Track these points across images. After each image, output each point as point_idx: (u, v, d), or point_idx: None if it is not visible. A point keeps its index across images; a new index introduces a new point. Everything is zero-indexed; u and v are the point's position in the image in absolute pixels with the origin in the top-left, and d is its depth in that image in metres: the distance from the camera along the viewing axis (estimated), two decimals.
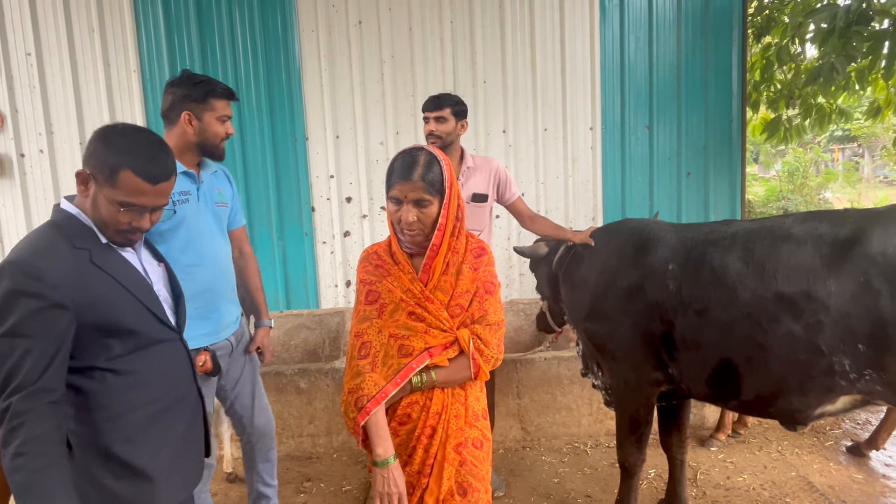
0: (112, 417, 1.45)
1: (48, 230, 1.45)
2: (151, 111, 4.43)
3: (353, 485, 3.41)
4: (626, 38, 4.67)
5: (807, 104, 5.58)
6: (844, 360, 2.01)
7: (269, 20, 4.44)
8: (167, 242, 2.18)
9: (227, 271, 2.43)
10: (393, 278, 1.69)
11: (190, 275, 2.16)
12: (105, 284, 1.45)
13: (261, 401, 2.63)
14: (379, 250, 1.77)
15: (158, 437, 1.54)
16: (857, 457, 3.48)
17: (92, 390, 1.43)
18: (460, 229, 1.71)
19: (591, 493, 3.22)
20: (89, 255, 1.44)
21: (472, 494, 1.69)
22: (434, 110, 2.97)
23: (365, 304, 1.72)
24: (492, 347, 1.69)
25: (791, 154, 13.27)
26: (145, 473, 1.49)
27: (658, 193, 4.83)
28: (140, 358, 1.50)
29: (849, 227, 2.07)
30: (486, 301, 1.69)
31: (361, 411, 1.62)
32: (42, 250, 1.39)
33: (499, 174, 3.11)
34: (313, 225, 4.64)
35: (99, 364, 1.43)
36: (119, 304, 1.46)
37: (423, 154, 1.64)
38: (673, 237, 2.49)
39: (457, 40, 4.55)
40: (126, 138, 1.47)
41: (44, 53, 4.31)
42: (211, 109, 2.26)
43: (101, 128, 1.49)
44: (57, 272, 1.36)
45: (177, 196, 2.19)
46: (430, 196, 1.61)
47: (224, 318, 2.38)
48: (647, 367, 2.49)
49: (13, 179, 4.38)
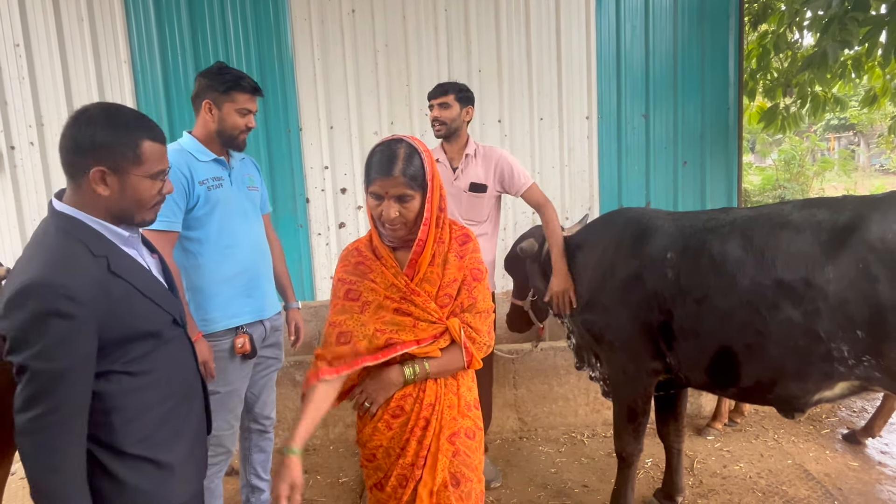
0: (129, 420, 1.42)
1: (62, 241, 1.36)
2: (142, 101, 4.38)
3: (350, 476, 3.40)
4: (623, 26, 4.64)
5: (803, 93, 5.57)
6: (843, 347, 2.00)
7: (260, 9, 4.38)
8: (204, 227, 2.28)
9: (265, 251, 2.54)
10: (375, 274, 1.66)
11: (229, 256, 2.33)
12: (124, 292, 1.39)
13: (269, 395, 2.70)
14: (360, 246, 1.74)
15: (173, 432, 1.52)
16: (853, 444, 3.49)
17: (109, 393, 1.39)
18: (444, 219, 1.68)
19: (589, 483, 3.22)
20: (107, 264, 1.38)
21: (465, 484, 1.67)
22: (438, 96, 2.96)
23: (344, 300, 1.67)
24: (483, 335, 1.67)
25: (787, 143, 13.26)
26: (166, 465, 1.48)
27: (654, 183, 4.81)
28: (154, 359, 1.47)
29: (847, 214, 2.06)
30: (475, 289, 1.67)
31: (331, 363, 1.60)
32: (66, 266, 1.32)
33: (501, 166, 3.03)
34: (308, 216, 4.61)
35: (116, 368, 1.40)
36: (139, 311, 1.42)
37: (403, 147, 1.58)
38: (671, 226, 2.47)
39: (451, 29, 4.51)
40: (117, 115, 1.41)
41: (33, 44, 4.25)
42: (231, 101, 2.30)
43: (79, 118, 1.38)
44: (85, 289, 1.30)
45: (210, 182, 2.29)
46: (411, 191, 1.57)
47: (266, 296, 2.49)
48: (645, 357, 2.48)
49: (4, 172, 4.33)
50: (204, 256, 2.31)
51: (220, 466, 2.47)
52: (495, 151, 3.08)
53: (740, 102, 4.82)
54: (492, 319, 1.72)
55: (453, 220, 1.77)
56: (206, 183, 2.28)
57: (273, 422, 2.75)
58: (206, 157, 2.33)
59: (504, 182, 3.04)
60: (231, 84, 2.28)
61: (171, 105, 4.42)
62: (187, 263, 2.30)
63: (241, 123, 2.34)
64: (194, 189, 2.25)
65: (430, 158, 1.62)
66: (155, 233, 2.19)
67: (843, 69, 5.22)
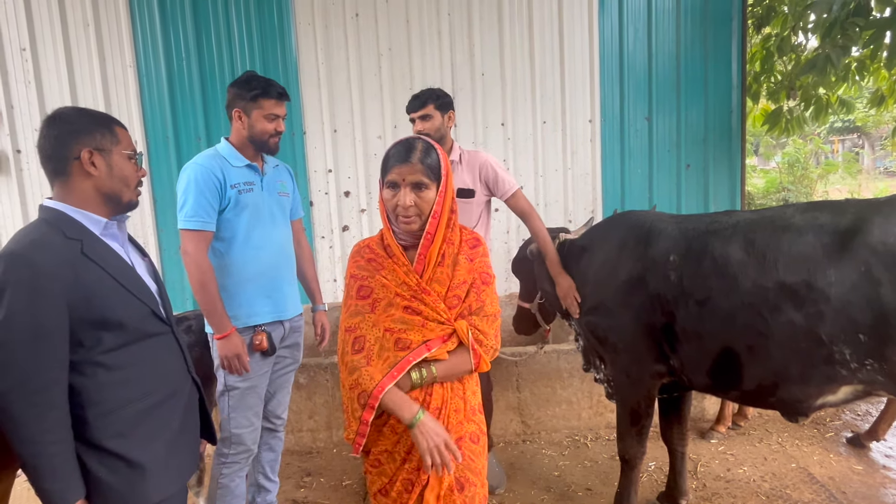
0: (104, 413, 1.44)
1: (39, 227, 1.44)
2: (147, 105, 4.41)
3: (353, 479, 3.40)
4: (625, 29, 4.65)
5: (807, 95, 5.56)
6: (845, 350, 1.99)
7: (265, 13, 4.41)
8: (232, 228, 2.38)
9: (289, 254, 2.62)
10: (387, 272, 1.66)
11: (253, 257, 2.42)
12: (96, 276, 1.44)
13: (284, 395, 2.74)
14: (371, 244, 1.75)
15: (151, 432, 1.53)
16: (857, 448, 3.48)
17: (83, 387, 1.42)
18: (455, 221, 1.70)
19: (592, 486, 3.22)
20: (81, 246, 1.44)
21: (469, 489, 1.67)
22: (418, 109, 2.89)
23: (356, 300, 1.68)
24: (490, 338, 1.67)
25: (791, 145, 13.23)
26: (139, 466, 1.49)
27: (657, 186, 4.81)
28: (131, 353, 1.50)
29: (850, 217, 2.05)
30: (483, 292, 1.68)
31: (366, 408, 1.58)
32: (35, 241, 1.39)
33: (485, 170, 2.97)
34: (311, 220, 4.62)
35: (90, 358, 1.42)
36: (110, 296, 1.45)
37: (421, 142, 1.64)
38: (674, 228, 2.47)
39: (454, 32, 4.53)
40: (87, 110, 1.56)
41: (39, 49, 4.29)
42: (259, 107, 2.39)
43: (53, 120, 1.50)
44: (51, 263, 1.36)
45: (242, 185, 2.40)
46: (428, 180, 1.60)
47: (286, 298, 2.55)
48: (648, 360, 2.48)
49: (9, 176, 4.36)
50: (230, 256, 2.41)
51: (242, 465, 2.51)
52: (479, 156, 3.03)
53: (743, 105, 4.82)
54: (498, 324, 1.72)
55: (463, 225, 1.79)
56: (238, 186, 2.39)
57: (284, 422, 2.77)
58: (240, 162, 2.43)
59: (489, 185, 3.00)
60: (257, 92, 2.37)
61: (175, 109, 4.45)
62: (215, 262, 2.39)
63: (270, 128, 2.43)
64: (226, 192, 2.36)
65: (445, 157, 1.67)
66: (190, 232, 2.30)
67: (847, 72, 5.21)
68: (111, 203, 1.54)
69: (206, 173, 2.31)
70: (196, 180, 2.30)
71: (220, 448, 2.47)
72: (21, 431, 1.33)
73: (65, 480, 1.38)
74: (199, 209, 2.29)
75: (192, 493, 2.68)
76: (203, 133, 4.48)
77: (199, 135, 4.48)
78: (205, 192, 2.30)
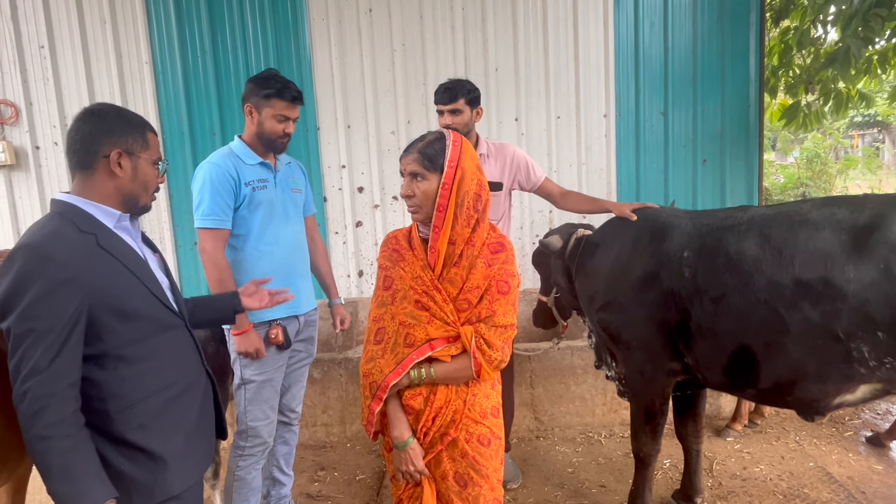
0: (125, 407, 1.46)
1: (53, 220, 1.45)
2: (163, 101, 4.45)
3: (367, 473, 3.42)
4: (641, 22, 4.59)
5: (826, 89, 5.46)
6: (863, 348, 1.96)
7: (279, 9, 4.42)
8: (246, 225, 2.42)
9: (303, 250, 2.66)
10: (406, 263, 1.69)
11: (267, 254, 2.46)
12: (112, 267, 1.45)
13: (299, 389, 2.77)
14: (399, 235, 1.78)
15: (171, 423, 1.55)
16: (876, 447, 3.43)
17: (104, 380, 1.43)
18: (479, 220, 1.65)
19: (606, 483, 3.21)
20: (96, 239, 1.45)
21: (472, 488, 1.69)
22: (448, 103, 2.84)
23: (382, 290, 1.72)
24: (496, 350, 1.63)
25: (810, 140, 13.03)
26: (160, 457, 1.50)
27: (673, 181, 4.76)
28: (149, 346, 1.51)
29: (868, 213, 2.02)
30: (497, 301, 1.63)
31: (374, 398, 1.65)
32: (51, 234, 1.40)
33: (516, 161, 3.03)
34: (325, 215, 4.64)
35: (110, 352, 1.43)
36: (126, 287, 1.47)
37: (434, 133, 1.67)
38: (688, 224, 2.45)
39: (468, 27, 4.51)
40: (124, 111, 1.58)
41: (57, 46, 4.34)
42: (270, 107, 2.39)
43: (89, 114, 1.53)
44: (68, 254, 1.37)
45: (256, 183, 2.42)
46: (422, 169, 1.61)
47: (300, 293, 2.55)
48: (662, 357, 2.46)
49: (28, 172, 4.42)
50: (244, 252, 2.45)
51: (258, 458, 2.54)
52: (507, 148, 3.07)
53: (761, 100, 4.75)
54: (510, 335, 1.67)
55: (493, 225, 1.75)
56: (252, 184, 2.41)
57: (298, 416, 2.80)
58: (253, 160, 2.45)
59: (520, 177, 3.04)
60: (271, 92, 2.37)
61: (191, 105, 4.48)
62: (231, 259, 2.42)
63: (279, 129, 2.43)
64: (241, 190, 2.38)
65: (458, 148, 1.64)
66: (207, 231, 2.34)
67: (868, 65, 5.11)
68: (128, 204, 1.55)
69: (222, 172, 2.34)
70: (211, 179, 2.33)
71: (237, 441, 2.50)
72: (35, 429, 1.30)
73: (79, 483, 1.32)
74: (215, 207, 2.33)
75: (207, 486, 2.71)
76: (218, 128, 4.51)
77: (214, 130, 4.50)
78: (220, 191, 2.33)
